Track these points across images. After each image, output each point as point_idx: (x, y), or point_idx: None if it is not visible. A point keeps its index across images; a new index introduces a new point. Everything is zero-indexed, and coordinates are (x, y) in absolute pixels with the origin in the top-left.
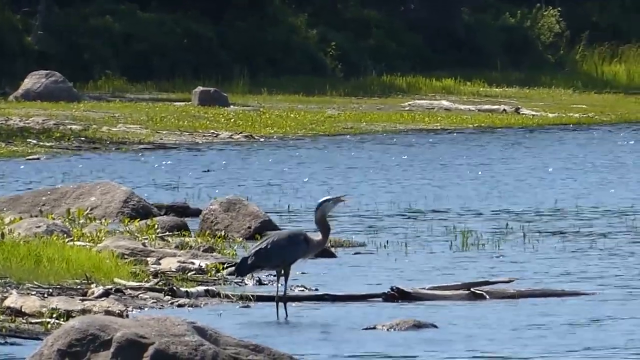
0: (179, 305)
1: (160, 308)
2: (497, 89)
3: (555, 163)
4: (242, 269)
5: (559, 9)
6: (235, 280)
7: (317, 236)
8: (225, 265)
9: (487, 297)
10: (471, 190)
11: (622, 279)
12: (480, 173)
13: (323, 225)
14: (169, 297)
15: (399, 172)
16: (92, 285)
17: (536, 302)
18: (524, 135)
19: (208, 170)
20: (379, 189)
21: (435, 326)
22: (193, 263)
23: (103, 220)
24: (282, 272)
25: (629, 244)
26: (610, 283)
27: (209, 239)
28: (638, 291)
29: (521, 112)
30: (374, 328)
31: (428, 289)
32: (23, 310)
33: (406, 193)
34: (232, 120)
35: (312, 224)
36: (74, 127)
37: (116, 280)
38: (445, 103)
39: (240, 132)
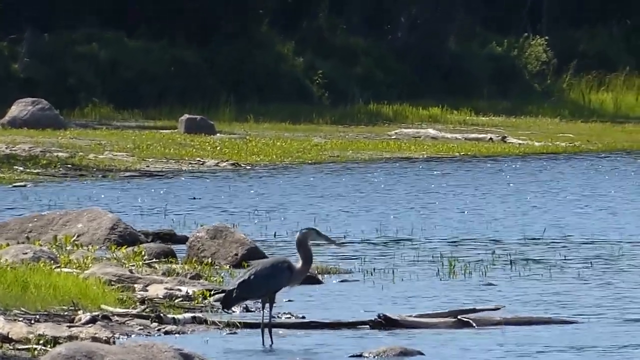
0: (166, 332)
1: (147, 335)
2: (483, 118)
3: (541, 192)
4: (228, 301)
5: (546, 37)
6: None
7: (298, 263)
8: (212, 292)
9: (474, 324)
10: (457, 218)
11: (608, 307)
12: (467, 201)
13: (304, 250)
14: (156, 324)
15: (385, 200)
16: (79, 312)
17: (523, 330)
18: (510, 164)
19: (194, 198)
20: (366, 216)
21: (422, 354)
22: (180, 290)
23: (90, 247)
24: (268, 299)
25: (615, 272)
26: (597, 311)
27: (196, 266)
28: (624, 319)
29: (508, 141)
30: (361, 356)
31: (415, 317)
32: (10, 336)
33: (393, 221)
34: (218, 148)
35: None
36: (60, 154)
37: (103, 306)
38: (431, 131)
39: (227, 160)
